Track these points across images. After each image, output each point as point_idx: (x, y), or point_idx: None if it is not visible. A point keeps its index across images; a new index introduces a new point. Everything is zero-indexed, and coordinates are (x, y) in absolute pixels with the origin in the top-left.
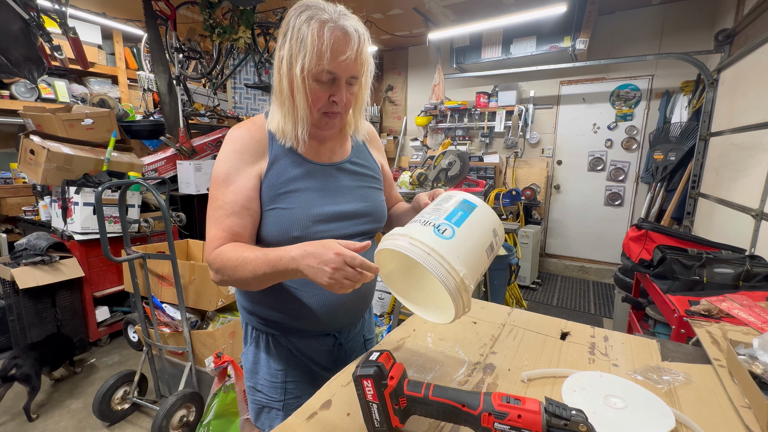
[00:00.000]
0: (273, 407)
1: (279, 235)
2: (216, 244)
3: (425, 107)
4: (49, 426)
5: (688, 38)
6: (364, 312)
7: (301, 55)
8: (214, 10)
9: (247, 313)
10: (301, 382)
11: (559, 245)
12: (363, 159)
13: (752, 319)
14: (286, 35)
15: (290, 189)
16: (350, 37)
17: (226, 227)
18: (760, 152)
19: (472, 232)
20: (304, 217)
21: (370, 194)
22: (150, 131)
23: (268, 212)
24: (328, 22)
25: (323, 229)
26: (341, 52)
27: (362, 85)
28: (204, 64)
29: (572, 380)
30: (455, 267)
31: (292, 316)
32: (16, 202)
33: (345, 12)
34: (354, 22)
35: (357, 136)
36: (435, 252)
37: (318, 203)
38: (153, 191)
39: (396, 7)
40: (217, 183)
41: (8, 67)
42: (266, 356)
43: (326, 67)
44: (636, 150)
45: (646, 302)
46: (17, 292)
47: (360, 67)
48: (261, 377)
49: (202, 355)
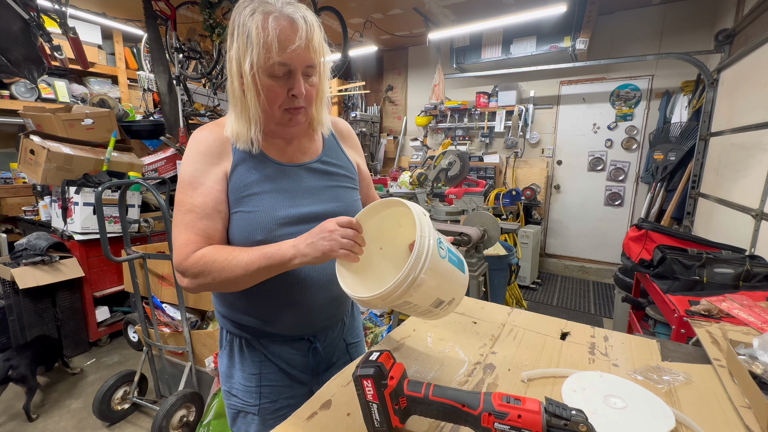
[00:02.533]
0: (249, 412)
1: (243, 239)
2: (191, 249)
3: (425, 107)
4: (49, 426)
5: (688, 38)
6: (341, 315)
7: (249, 51)
8: (214, 10)
9: (222, 317)
10: (276, 387)
11: (559, 245)
12: (335, 158)
13: (752, 319)
14: (233, 34)
15: (254, 192)
16: (297, 24)
17: (199, 230)
18: (760, 152)
19: (448, 278)
20: (267, 220)
21: (342, 194)
22: (150, 131)
23: (232, 215)
24: (272, 13)
25: (289, 232)
26: (290, 41)
27: (321, 74)
28: (204, 64)
29: (572, 380)
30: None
31: (265, 320)
32: (16, 202)
33: (291, 1)
34: (302, 11)
35: (323, 131)
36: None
37: (283, 205)
38: (153, 191)
39: (396, 7)
40: (183, 186)
41: (8, 67)
42: (240, 360)
43: (276, 59)
44: (636, 150)
45: (646, 302)
46: (17, 292)
47: (314, 55)
48: (236, 381)
49: (202, 355)
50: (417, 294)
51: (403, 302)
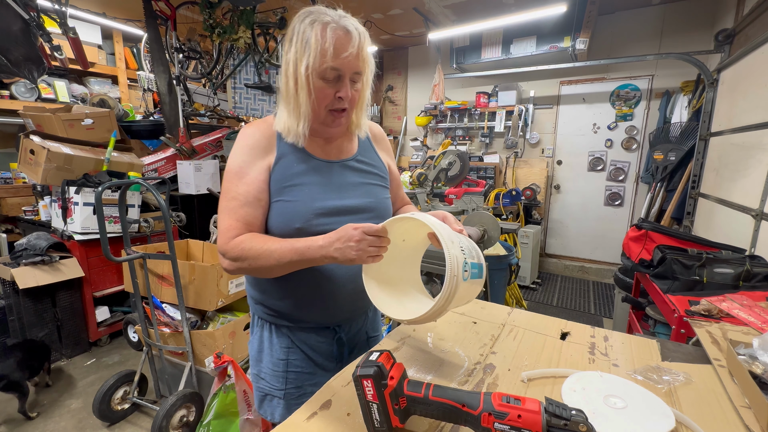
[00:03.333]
0: (275, 395)
1: (282, 226)
2: (232, 234)
3: (425, 107)
4: (49, 426)
5: (688, 38)
6: (365, 308)
7: (306, 55)
8: (214, 10)
9: (255, 303)
10: (302, 373)
11: (559, 245)
12: (369, 158)
13: (752, 319)
14: (292, 39)
15: (295, 183)
16: (351, 35)
17: (240, 217)
18: (760, 152)
19: (467, 294)
20: (306, 210)
21: (373, 191)
22: (150, 131)
23: (273, 204)
24: (331, 23)
25: (324, 222)
26: (344, 49)
27: (364, 82)
28: (204, 64)
29: (572, 380)
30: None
31: (294, 307)
32: (16, 202)
33: (345, 14)
34: (354, 22)
35: (360, 134)
36: (457, 249)
37: (321, 197)
38: (153, 191)
39: (396, 7)
40: (230, 176)
41: (8, 67)
42: (269, 346)
43: (330, 63)
44: (636, 150)
45: (646, 302)
46: (17, 292)
47: (362, 64)
48: (264, 366)
49: (202, 355)
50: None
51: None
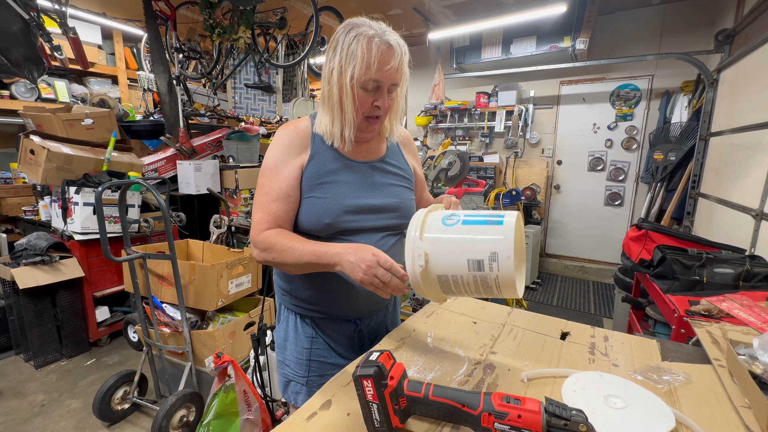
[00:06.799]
0: (298, 382)
1: (313, 221)
2: (263, 227)
3: (425, 107)
4: (49, 426)
5: (688, 38)
6: (385, 303)
7: (351, 66)
8: (214, 10)
9: (282, 293)
10: (324, 363)
11: (559, 245)
12: (396, 160)
13: (752, 319)
14: (336, 49)
15: (327, 180)
16: (394, 49)
17: (271, 211)
18: (760, 152)
19: (471, 235)
20: (336, 207)
21: (399, 192)
22: (150, 131)
23: (305, 200)
24: (375, 37)
25: (352, 219)
26: (386, 62)
27: (399, 93)
28: (204, 64)
29: (572, 380)
30: (420, 245)
31: (318, 299)
32: (16, 202)
33: (387, 28)
34: (396, 37)
35: (392, 139)
36: (423, 223)
37: (351, 195)
38: (153, 191)
39: (396, 7)
40: (265, 172)
41: (8, 67)
42: (294, 334)
43: (373, 76)
44: (636, 150)
45: (646, 302)
46: (17, 292)
47: (400, 76)
48: (289, 353)
49: (202, 355)
50: (436, 262)
51: (438, 279)
